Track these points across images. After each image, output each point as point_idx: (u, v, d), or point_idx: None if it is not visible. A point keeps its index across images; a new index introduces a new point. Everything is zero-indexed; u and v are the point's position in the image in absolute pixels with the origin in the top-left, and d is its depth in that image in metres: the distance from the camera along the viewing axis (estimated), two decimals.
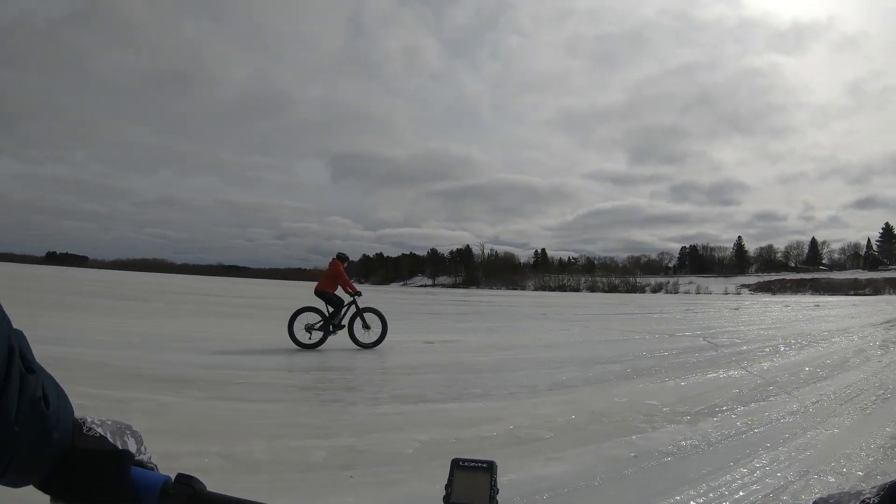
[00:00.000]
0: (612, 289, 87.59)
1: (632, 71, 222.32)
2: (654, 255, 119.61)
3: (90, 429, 0.51)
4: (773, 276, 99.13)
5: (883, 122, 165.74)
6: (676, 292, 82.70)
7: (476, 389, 5.59)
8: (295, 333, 7.69)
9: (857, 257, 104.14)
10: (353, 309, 8.30)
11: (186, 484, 0.51)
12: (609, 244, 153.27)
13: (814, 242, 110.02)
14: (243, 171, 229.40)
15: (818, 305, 32.51)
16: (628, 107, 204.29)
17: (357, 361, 7.20)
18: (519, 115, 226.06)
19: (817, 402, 5.28)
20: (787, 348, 9.75)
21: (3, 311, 0.44)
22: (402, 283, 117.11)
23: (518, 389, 5.66)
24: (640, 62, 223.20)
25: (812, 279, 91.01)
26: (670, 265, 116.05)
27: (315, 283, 8.63)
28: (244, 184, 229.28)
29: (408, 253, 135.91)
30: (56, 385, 0.50)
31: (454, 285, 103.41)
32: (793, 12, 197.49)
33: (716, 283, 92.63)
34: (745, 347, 9.86)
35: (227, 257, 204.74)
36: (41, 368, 0.48)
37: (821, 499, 0.47)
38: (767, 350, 9.42)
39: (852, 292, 73.28)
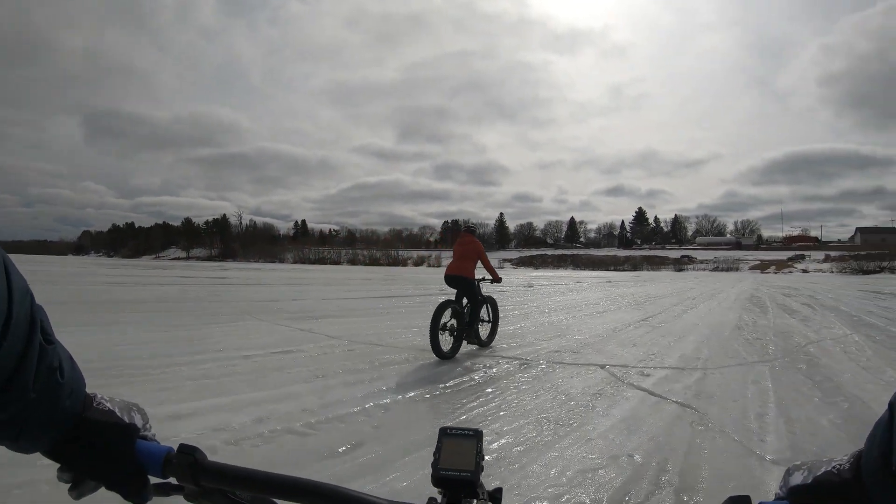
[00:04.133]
0: (374, 262, 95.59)
1: (409, 51, 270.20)
2: (415, 230, 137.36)
3: (100, 403, 0.60)
4: (535, 252, 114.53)
5: (635, 123, 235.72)
6: (440, 265, 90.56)
7: None
8: (440, 340, 6.26)
9: (611, 237, 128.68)
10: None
11: (189, 454, 0.58)
12: (371, 218, 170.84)
13: (572, 222, 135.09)
14: None
15: (610, 282, 34.29)
16: (401, 85, 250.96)
17: None
18: (291, 84, 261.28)
19: None
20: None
21: (27, 285, 0.52)
22: (154, 255, 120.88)
23: None
24: (419, 44, 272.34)
25: (573, 255, 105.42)
26: (432, 239, 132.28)
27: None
28: None
29: (161, 223, 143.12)
30: (71, 359, 0.58)
31: (209, 258, 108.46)
32: (572, 18, 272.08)
33: None
34: (753, 413, 4.12)
35: None
36: (58, 342, 0.56)
37: (794, 465, 0.54)
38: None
39: (612, 268, 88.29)
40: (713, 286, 28.88)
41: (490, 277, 7.46)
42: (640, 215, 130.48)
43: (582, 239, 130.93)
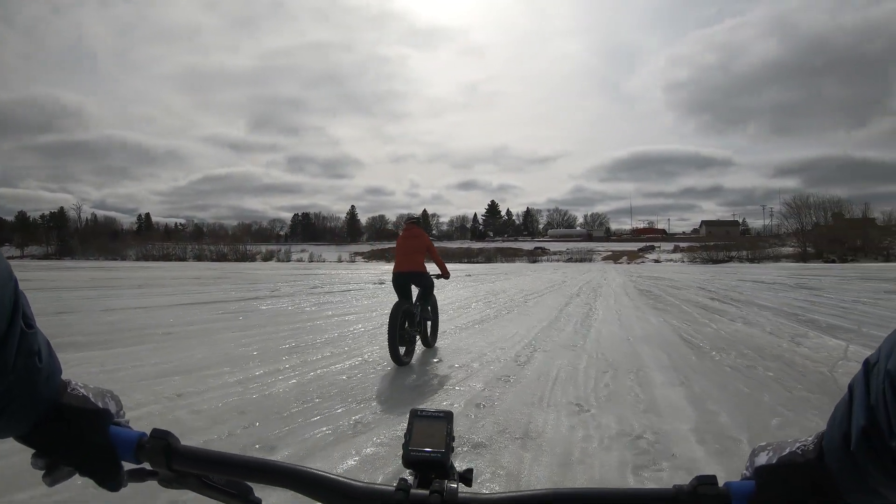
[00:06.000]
0: (222, 257, 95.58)
1: (267, 39, 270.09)
2: (265, 223, 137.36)
3: (74, 388, 0.62)
4: (386, 245, 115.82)
5: (488, 120, 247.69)
6: (289, 260, 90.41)
7: None
8: (399, 345, 5.87)
9: (464, 229, 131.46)
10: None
11: (161, 438, 0.60)
12: (221, 211, 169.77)
13: (425, 214, 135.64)
14: None
15: (470, 276, 31.84)
16: (256, 74, 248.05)
17: None
18: (140, 67, 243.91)
19: None
20: None
21: (11, 270, 0.54)
22: None
23: None
24: (278, 32, 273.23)
25: None
26: (282, 233, 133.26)
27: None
28: None
29: None
30: (49, 345, 0.60)
31: (46, 256, 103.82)
32: (432, 14, 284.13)
33: (329, 251, 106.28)
34: None
35: None
36: (39, 329, 0.58)
37: (759, 447, 0.55)
38: None
39: (466, 260, 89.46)
40: (583, 278, 27.88)
41: (439, 272, 7.23)
42: (493, 208, 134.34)
43: (434, 232, 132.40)
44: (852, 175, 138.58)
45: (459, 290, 17.56)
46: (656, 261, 73.87)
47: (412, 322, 6.28)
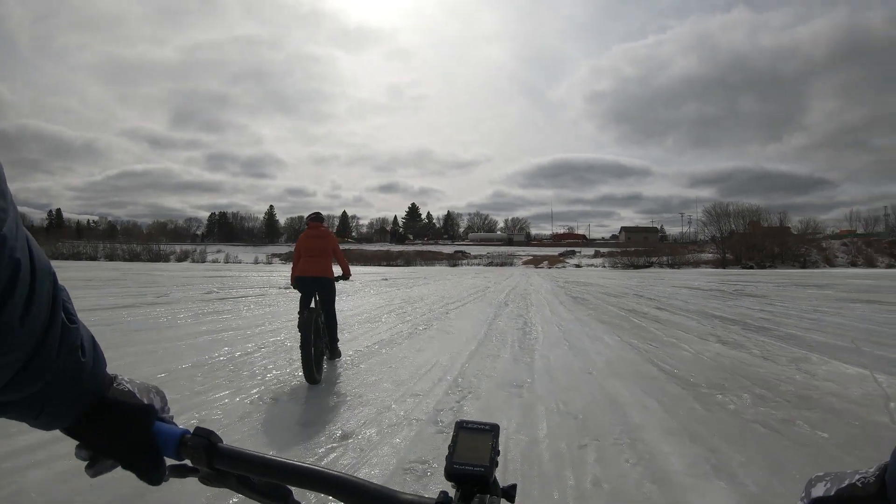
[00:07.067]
0: (135, 257, 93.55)
1: (193, 31, 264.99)
2: (182, 222, 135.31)
3: (120, 384, 0.64)
4: None
5: (411, 123, 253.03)
6: (204, 261, 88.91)
7: None
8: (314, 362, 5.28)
9: (383, 232, 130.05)
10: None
11: (203, 437, 0.62)
12: (138, 209, 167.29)
13: (345, 216, 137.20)
14: None
15: (387, 280, 30.05)
16: (180, 67, 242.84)
17: None
18: (60, 55, 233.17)
19: None
20: None
21: (50, 265, 0.55)
22: None
23: None
24: (205, 24, 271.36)
25: (344, 250, 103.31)
26: (198, 233, 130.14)
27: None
28: None
29: None
30: (93, 339, 0.62)
31: None
32: (362, 16, 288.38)
33: (245, 252, 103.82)
34: None
35: None
36: (81, 323, 0.60)
37: (817, 476, 0.53)
38: None
39: (385, 263, 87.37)
40: (508, 283, 26.56)
41: (342, 274, 6.72)
42: (413, 211, 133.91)
43: (354, 234, 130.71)
44: (765, 186, 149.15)
45: (371, 298, 15.39)
46: (577, 265, 74.85)
47: (318, 334, 5.64)
